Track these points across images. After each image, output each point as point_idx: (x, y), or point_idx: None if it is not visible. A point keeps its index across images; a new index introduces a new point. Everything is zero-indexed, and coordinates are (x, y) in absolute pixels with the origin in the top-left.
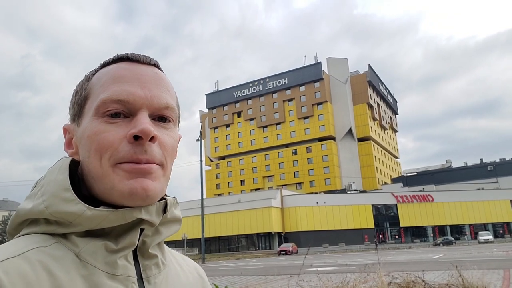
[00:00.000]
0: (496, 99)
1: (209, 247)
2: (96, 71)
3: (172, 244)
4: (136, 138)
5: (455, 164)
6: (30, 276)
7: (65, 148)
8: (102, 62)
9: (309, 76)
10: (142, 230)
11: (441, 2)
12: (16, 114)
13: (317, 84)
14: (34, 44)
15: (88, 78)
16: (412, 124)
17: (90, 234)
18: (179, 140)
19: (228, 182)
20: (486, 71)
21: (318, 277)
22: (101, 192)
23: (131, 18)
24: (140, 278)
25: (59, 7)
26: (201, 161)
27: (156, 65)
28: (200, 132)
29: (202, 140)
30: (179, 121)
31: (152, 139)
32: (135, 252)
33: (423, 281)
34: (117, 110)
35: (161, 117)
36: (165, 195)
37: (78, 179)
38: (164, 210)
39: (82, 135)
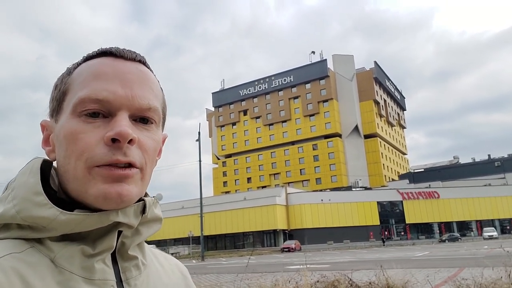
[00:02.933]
0: (509, 94)
1: (215, 244)
2: (78, 64)
3: (179, 241)
4: (114, 140)
5: (464, 160)
6: (3, 284)
7: (42, 145)
8: (85, 55)
9: (315, 73)
10: (120, 231)
11: None
12: (30, 114)
13: (322, 82)
14: (48, 46)
15: (69, 72)
16: (424, 119)
17: (66, 238)
18: (165, 140)
19: (235, 180)
20: (499, 65)
21: (260, 276)
22: (76, 194)
23: (144, 18)
24: (119, 281)
25: (72, 8)
26: (199, 161)
27: (142, 61)
28: (199, 132)
29: (209, 139)
30: (164, 121)
31: (130, 142)
32: (114, 254)
33: (350, 279)
34: (95, 110)
35: (142, 118)
36: (146, 194)
37: (53, 179)
38: (143, 211)
39: (59, 134)
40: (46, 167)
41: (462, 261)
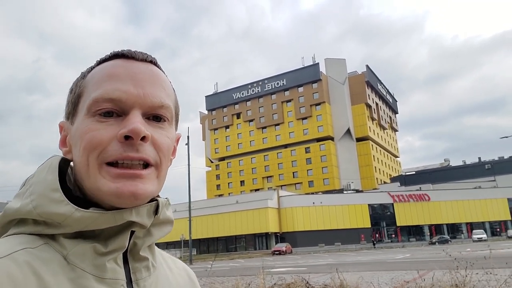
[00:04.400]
0: (503, 97)
1: (208, 247)
2: (92, 68)
3: (171, 245)
4: (127, 138)
5: (455, 163)
6: (17, 277)
7: (59, 146)
8: (98, 59)
9: (307, 77)
10: (133, 231)
11: (446, 1)
12: (27, 117)
13: (315, 85)
14: (45, 49)
15: (83, 76)
16: (419, 122)
17: (79, 235)
18: (178, 139)
19: (228, 183)
20: (493, 69)
21: (222, 280)
22: (90, 192)
23: (141, 22)
24: (129, 281)
25: (70, 12)
26: (188, 165)
27: (153, 62)
28: (188, 136)
29: (203, 142)
30: (177, 120)
31: (143, 139)
32: (125, 254)
33: (307, 282)
34: (108, 109)
35: (155, 116)
36: (158, 195)
37: (69, 178)
38: (156, 211)
39: (75, 134)
40: (63, 165)
41: (433, 264)
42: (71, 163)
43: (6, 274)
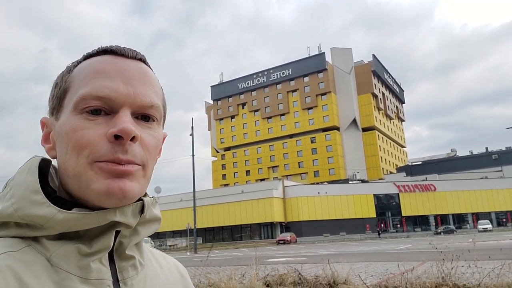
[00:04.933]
0: (511, 86)
1: (214, 236)
2: (79, 62)
3: (178, 233)
4: (117, 137)
5: (462, 153)
6: None
7: (42, 142)
8: (85, 54)
9: (313, 66)
10: (118, 231)
11: None
12: (33, 107)
13: (320, 75)
14: (51, 39)
15: (69, 70)
16: (427, 112)
17: (63, 237)
18: (164, 139)
19: (234, 173)
20: (502, 58)
21: (218, 270)
22: (77, 191)
23: (146, 12)
24: (116, 281)
25: (75, 2)
26: (193, 155)
27: (142, 59)
28: (192, 127)
29: (209, 132)
30: (164, 119)
31: (133, 139)
32: (111, 254)
33: (299, 273)
34: (97, 107)
35: (144, 116)
36: (145, 194)
37: (52, 178)
38: (142, 211)
39: (60, 131)
40: (44, 166)
41: (428, 255)
42: (53, 162)
43: None
